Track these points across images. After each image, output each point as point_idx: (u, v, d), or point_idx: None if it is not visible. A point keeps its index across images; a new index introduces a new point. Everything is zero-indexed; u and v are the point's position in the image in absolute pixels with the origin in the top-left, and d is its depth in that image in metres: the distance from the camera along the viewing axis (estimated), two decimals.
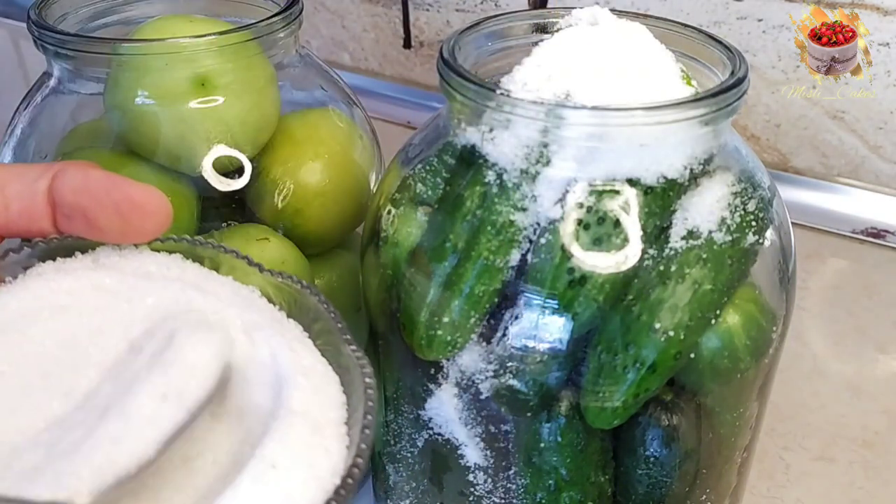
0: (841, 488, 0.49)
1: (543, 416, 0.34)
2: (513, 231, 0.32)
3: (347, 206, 0.43)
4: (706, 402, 0.35)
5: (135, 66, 0.38)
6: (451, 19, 0.84)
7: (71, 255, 0.30)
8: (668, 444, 0.34)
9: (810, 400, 0.55)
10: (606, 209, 0.31)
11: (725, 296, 0.33)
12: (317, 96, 0.45)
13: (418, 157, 0.36)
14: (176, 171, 0.39)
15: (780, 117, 0.73)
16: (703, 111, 0.31)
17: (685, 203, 0.33)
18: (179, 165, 0.39)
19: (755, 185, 0.35)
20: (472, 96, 0.32)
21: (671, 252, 0.32)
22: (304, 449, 0.25)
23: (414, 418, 0.37)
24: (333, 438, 0.26)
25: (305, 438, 0.25)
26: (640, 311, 0.32)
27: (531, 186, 0.32)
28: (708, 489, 0.37)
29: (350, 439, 0.26)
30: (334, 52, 0.93)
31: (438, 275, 0.33)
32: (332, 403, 0.27)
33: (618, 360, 0.32)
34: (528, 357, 0.33)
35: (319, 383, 0.27)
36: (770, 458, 0.51)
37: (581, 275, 0.31)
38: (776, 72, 0.71)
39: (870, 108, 0.69)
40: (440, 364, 0.34)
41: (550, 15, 0.38)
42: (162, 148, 0.39)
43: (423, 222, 0.35)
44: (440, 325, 0.33)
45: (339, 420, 0.27)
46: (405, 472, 0.40)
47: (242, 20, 0.42)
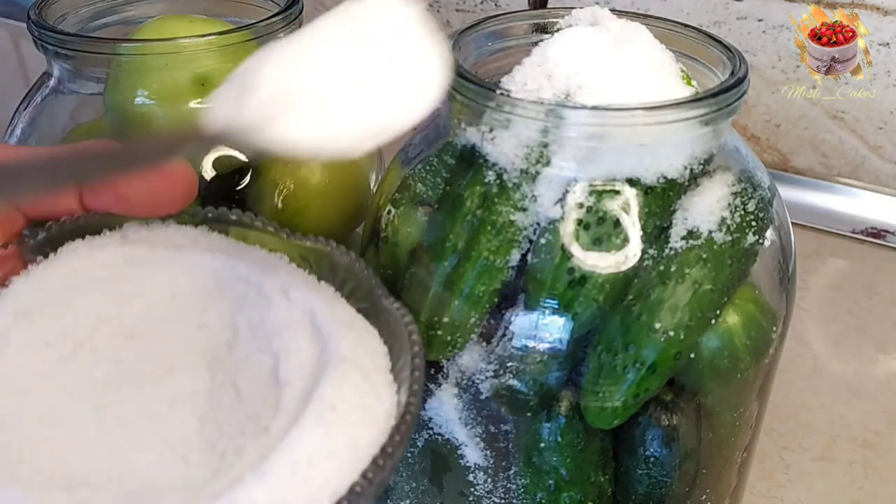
0: (841, 488, 0.49)
1: (543, 416, 0.34)
2: (513, 231, 0.32)
3: (347, 206, 0.43)
4: (706, 402, 0.35)
5: (135, 66, 0.38)
6: (451, 19, 0.84)
7: (99, 232, 0.30)
8: (668, 444, 0.34)
9: (810, 400, 0.55)
10: (606, 209, 0.31)
11: (725, 296, 0.33)
12: None
13: (418, 157, 0.36)
14: None
15: (780, 117, 0.73)
16: (703, 111, 0.31)
17: (685, 203, 0.33)
18: None
19: (755, 185, 0.35)
20: (472, 96, 0.32)
21: (671, 252, 0.32)
22: (357, 393, 0.26)
23: None
24: (382, 385, 0.27)
25: (357, 383, 0.26)
26: (640, 311, 0.32)
27: (531, 186, 0.32)
28: (708, 489, 0.37)
29: (398, 385, 0.27)
30: None
31: (438, 275, 0.33)
32: (376, 352, 0.28)
33: (618, 360, 0.32)
34: (528, 357, 0.33)
35: (361, 335, 0.28)
36: (770, 458, 0.51)
37: (581, 275, 0.31)
38: (776, 72, 0.71)
39: (870, 108, 0.69)
40: (440, 364, 0.34)
41: (550, 15, 0.38)
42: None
43: (423, 222, 0.35)
44: (440, 325, 0.33)
45: (384, 367, 0.28)
46: (405, 472, 0.40)
47: (242, 20, 0.42)
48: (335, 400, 0.25)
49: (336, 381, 0.25)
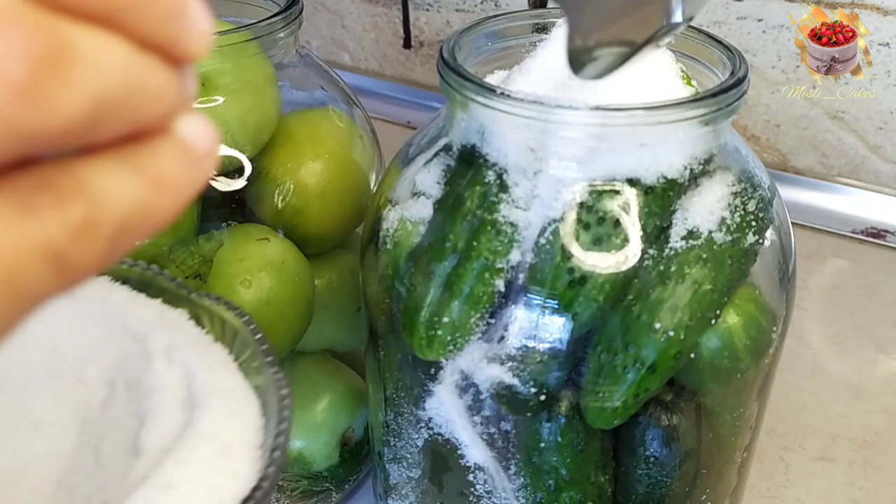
0: (841, 488, 0.49)
1: (543, 416, 0.34)
2: (513, 231, 0.32)
3: (347, 206, 0.43)
4: (706, 402, 0.35)
5: None
6: (451, 19, 0.84)
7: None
8: (668, 444, 0.34)
9: (810, 400, 0.55)
10: (606, 209, 0.31)
11: (725, 296, 0.33)
12: (317, 96, 0.45)
13: (418, 157, 0.36)
14: None
15: (780, 117, 0.73)
16: (703, 111, 0.31)
17: (685, 203, 0.33)
18: None
19: (755, 185, 0.35)
20: (472, 96, 0.32)
21: (671, 252, 0.32)
22: (207, 471, 0.24)
23: (414, 418, 0.37)
24: (244, 462, 0.25)
25: (211, 460, 0.25)
26: (640, 311, 0.32)
27: (531, 186, 0.32)
28: (708, 489, 0.37)
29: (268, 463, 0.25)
30: (334, 52, 0.93)
31: (438, 275, 0.33)
32: (248, 426, 0.27)
33: (618, 360, 0.32)
34: (528, 357, 0.32)
35: (236, 406, 0.27)
36: (770, 458, 0.51)
37: (581, 275, 0.31)
38: (776, 72, 0.71)
39: (870, 108, 0.69)
40: (440, 364, 0.34)
41: (550, 15, 0.38)
42: None
43: (423, 222, 0.35)
44: (440, 325, 0.33)
45: (253, 443, 0.26)
46: (405, 472, 0.40)
47: (242, 20, 0.42)
48: (176, 478, 0.24)
49: (183, 457, 0.24)
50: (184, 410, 0.26)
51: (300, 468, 0.46)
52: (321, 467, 0.46)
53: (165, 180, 0.16)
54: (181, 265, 0.38)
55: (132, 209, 0.16)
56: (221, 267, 0.39)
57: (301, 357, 0.46)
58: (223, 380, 0.28)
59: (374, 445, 0.42)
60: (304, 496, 0.47)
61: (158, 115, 0.16)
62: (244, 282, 0.40)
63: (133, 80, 0.15)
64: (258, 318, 0.40)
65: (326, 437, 0.46)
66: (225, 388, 0.27)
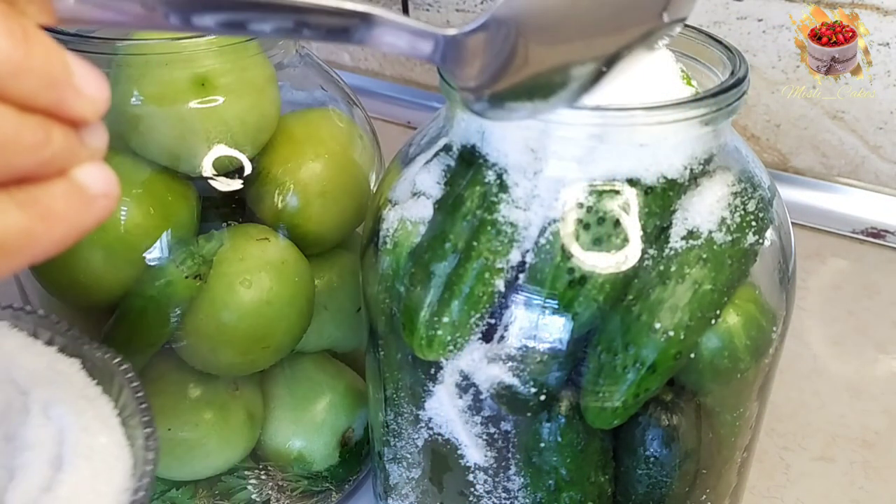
0: (841, 488, 0.49)
1: (543, 416, 0.34)
2: (513, 231, 0.32)
3: (347, 206, 0.44)
4: (706, 402, 0.35)
5: (135, 66, 0.38)
6: (451, 19, 0.84)
7: None
8: (668, 444, 0.34)
9: (810, 400, 0.55)
10: (606, 209, 0.31)
11: (725, 296, 0.33)
12: (317, 96, 0.45)
13: (418, 157, 0.36)
14: (176, 171, 0.39)
15: (780, 117, 0.73)
16: (703, 111, 0.31)
17: (685, 203, 0.33)
18: (179, 165, 0.39)
19: (755, 185, 0.35)
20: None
21: (671, 252, 0.32)
22: None
23: (414, 418, 0.37)
24: None
25: None
26: (640, 311, 0.32)
27: (531, 186, 0.32)
28: (708, 489, 0.37)
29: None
30: (334, 52, 0.93)
31: (438, 275, 0.33)
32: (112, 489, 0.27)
33: (618, 360, 0.32)
34: (528, 357, 0.32)
35: (103, 468, 0.27)
36: (770, 458, 0.51)
37: (581, 275, 0.31)
38: (776, 72, 0.71)
39: (870, 108, 0.69)
40: (440, 364, 0.34)
41: None
42: (162, 148, 0.39)
43: (423, 222, 0.35)
44: (440, 325, 0.33)
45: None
46: (405, 472, 0.40)
47: None
48: None
49: None
50: (51, 470, 0.26)
51: (300, 468, 0.46)
52: (321, 467, 0.46)
53: (51, 212, 0.20)
54: (181, 265, 0.38)
55: (10, 232, 0.19)
56: (221, 267, 0.39)
57: (301, 357, 0.46)
58: (98, 437, 0.28)
59: (374, 445, 0.42)
60: (304, 496, 0.47)
61: (39, 163, 0.19)
62: (244, 282, 0.40)
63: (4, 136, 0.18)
64: (258, 318, 0.40)
65: (326, 437, 0.46)
66: (96, 448, 0.27)
